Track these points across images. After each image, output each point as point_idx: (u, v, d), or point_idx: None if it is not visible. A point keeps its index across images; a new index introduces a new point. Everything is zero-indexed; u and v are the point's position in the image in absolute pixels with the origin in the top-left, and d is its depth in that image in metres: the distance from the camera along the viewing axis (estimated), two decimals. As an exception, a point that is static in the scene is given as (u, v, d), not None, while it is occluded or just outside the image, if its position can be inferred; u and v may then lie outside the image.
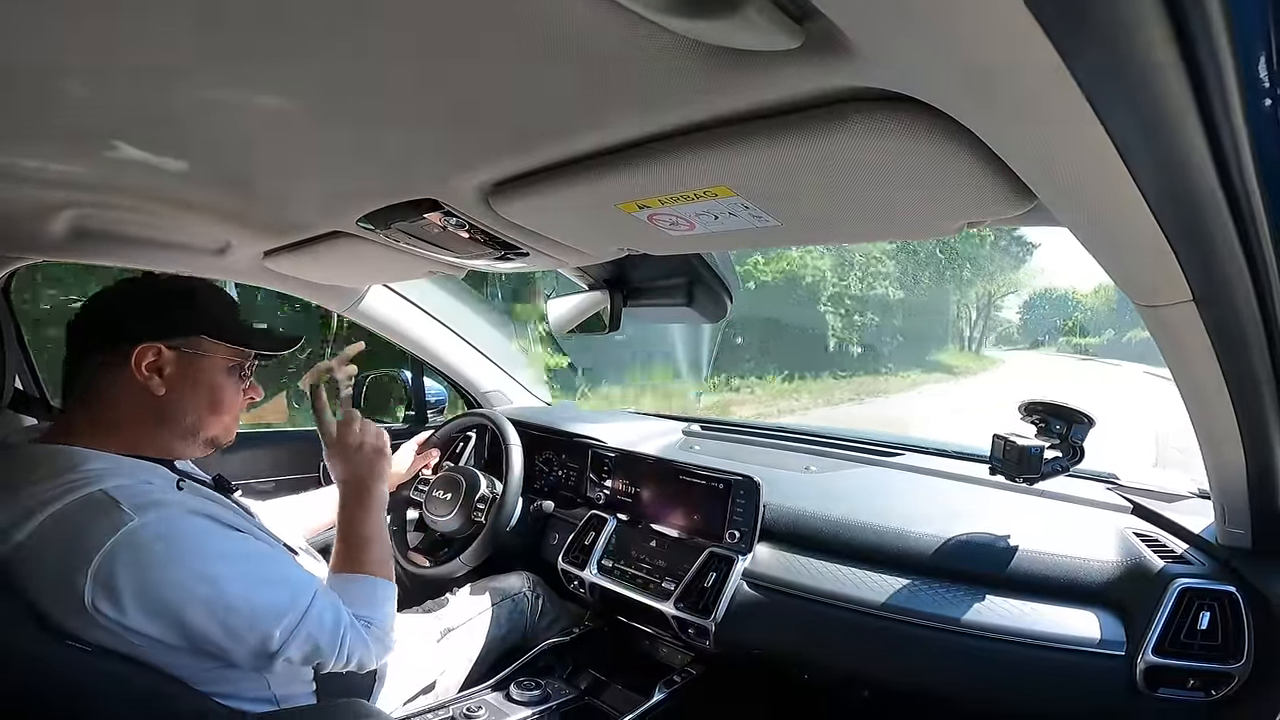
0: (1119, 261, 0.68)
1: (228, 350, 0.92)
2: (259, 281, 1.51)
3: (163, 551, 0.74)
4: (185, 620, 0.75)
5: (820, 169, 0.57)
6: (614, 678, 1.40)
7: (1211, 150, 0.46)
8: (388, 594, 1.01)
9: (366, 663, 0.93)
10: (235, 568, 0.80)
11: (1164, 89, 0.40)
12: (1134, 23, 0.35)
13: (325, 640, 0.86)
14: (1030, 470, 1.08)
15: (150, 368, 0.85)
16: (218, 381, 0.91)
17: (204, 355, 0.90)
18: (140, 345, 0.84)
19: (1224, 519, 0.96)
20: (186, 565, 0.76)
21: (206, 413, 0.91)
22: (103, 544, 0.71)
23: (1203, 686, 0.90)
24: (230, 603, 0.78)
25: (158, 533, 0.75)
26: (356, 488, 1.09)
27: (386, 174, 0.80)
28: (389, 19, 0.45)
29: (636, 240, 0.91)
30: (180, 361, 0.87)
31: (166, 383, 0.86)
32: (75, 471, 0.76)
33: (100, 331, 0.87)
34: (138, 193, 0.94)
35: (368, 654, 0.93)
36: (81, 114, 0.67)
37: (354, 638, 0.90)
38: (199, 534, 0.79)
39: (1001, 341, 39.79)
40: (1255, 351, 0.71)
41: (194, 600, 0.75)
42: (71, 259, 1.25)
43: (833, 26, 0.38)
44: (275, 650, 0.81)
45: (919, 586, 1.11)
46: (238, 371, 0.94)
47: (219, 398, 0.92)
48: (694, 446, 1.74)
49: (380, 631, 0.96)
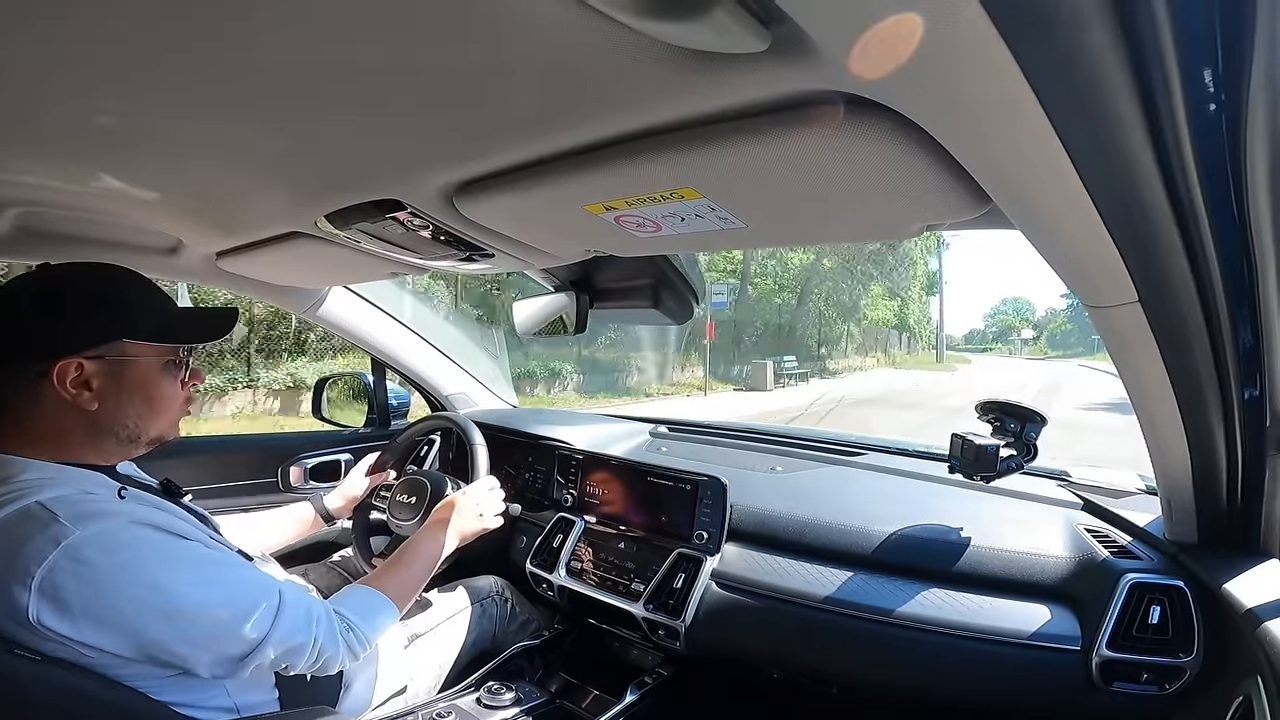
0: (1068, 263, 0.70)
1: (155, 348, 0.84)
2: (212, 283, 1.47)
3: (108, 564, 0.71)
4: (141, 633, 0.72)
5: (785, 171, 0.57)
6: (585, 680, 1.40)
7: (1157, 156, 0.48)
8: (387, 614, 1.01)
9: (331, 665, 0.91)
10: (187, 575, 0.77)
11: (1113, 95, 0.41)
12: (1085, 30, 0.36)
13: (299, 637, 0.84)
14: (987, 468, 1.11)
15: (76, 384, 0.77)
16: (152, 382, 0.84)
17: (131, 359, 0.82)
18: (58, 363, 0.76)
19: (1171, 515, 0.99)
20: (135, 577, 0.72)
21: (146, 416, 0.85)
22: (43, 558, 0.67)
23: (1156, 680, 0.93)
24: (187, 611, 0.75)
25: (101, 545, 0.71)
26: (442, 532, 1.22)
27: (347, 173, 0.78)
28: (351, 16, 0.44)
29: (603, 242, 0.91)
30: (106, 371, 0.80)
31: (97, 396, 0.79)
32: (9, 483, 0.73)
33: (6, 345, 0.77)
34: (84, 192, 0.90)
35: (336, 654, 0.90)
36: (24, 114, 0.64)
37: (327, 634, 0.88)
38: (144, 545, 0.75)
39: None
40: (1198, 351, 0.74)
41: (147, 612, 0.72)
42: (14, 259, 1.20)
43: (799, 30, 0.38)
44: (246, 654, 0.79)
45: (883, 584, 1.12)
46: (173, 366, 0.87)
47: (156, 398, 0.85)
48: (661, 448, 1.74)
49: (357, 637, 0.93)
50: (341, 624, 0.92)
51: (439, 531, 1.22)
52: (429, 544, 1.19)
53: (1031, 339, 70.62)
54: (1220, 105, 0.45)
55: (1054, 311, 59.07)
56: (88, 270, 0.83)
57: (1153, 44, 0.38)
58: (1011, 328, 77.61)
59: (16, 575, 0.67)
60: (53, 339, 0.77)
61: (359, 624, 0.94)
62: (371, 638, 0.97)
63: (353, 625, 0.93)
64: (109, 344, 0.80)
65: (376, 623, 0.98)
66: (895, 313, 29.14)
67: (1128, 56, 0.38)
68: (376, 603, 1.01)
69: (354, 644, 0.93)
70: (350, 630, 0.93)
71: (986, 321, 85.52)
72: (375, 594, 1.02)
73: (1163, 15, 0.36)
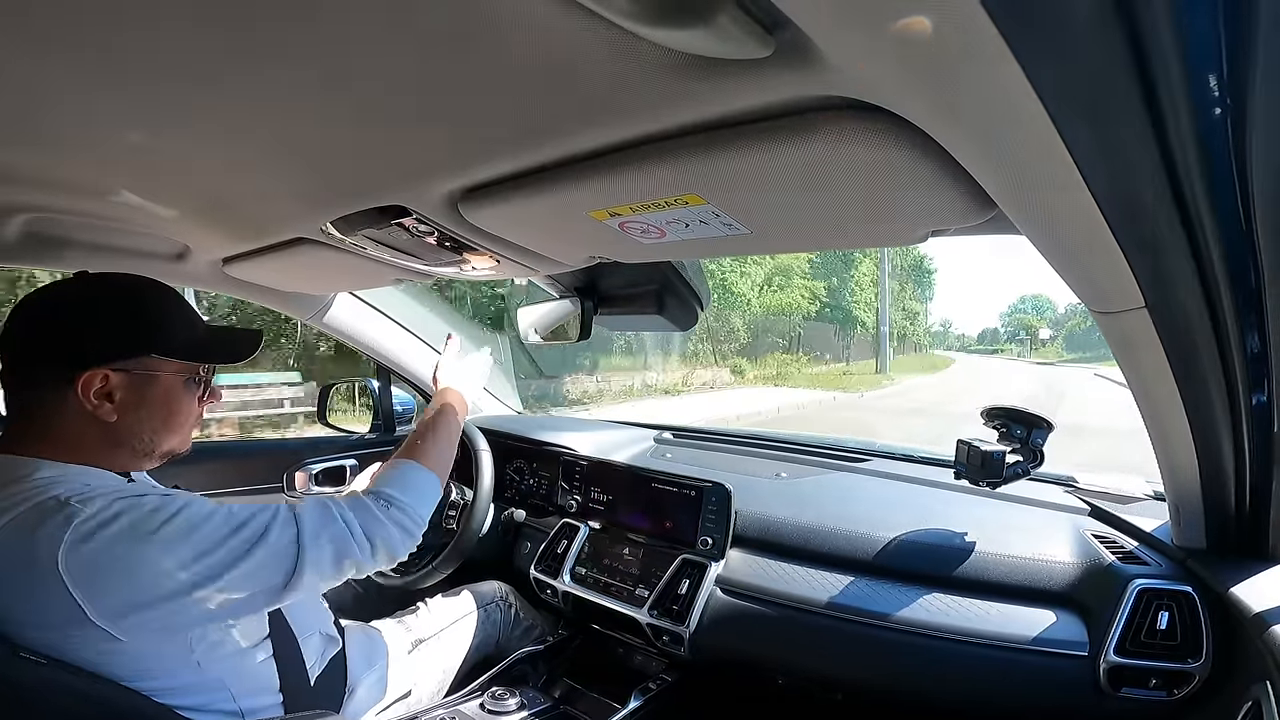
0: (1075, 269, 0.70)
1: (179, 364, 0.85)
2: (218, 289, 1.47)
3: (126, 523, 0.71)
4: (175, 576, 0.72)
5: (789, 177, 0.57)
6: (589, 686, 1.39)
7: (1163, 161, 0.48)
8: (427, 482, 0.98)
9: (396, 549, 0.88)
10: (201, 514, 0.76)
11: (1118, 101, 0.41)
12: (1090, 36, 0.36)
13: (331, 528, 0.83)
14: (993, 474, 1.10)
15: (99, 395, 0.78)
16: (173, 398, 0.85)
17: (155, 374, 0.83)
18: (85, 373, 0.77)
19: (1179, 520, 0.98)
20: (155, 526, 0.72)
21: (162, 431, 0.85)
22: (60, 540, 0.68)
23: (1164, 686, 0.92)
24: (210, 541, 0.75)
25: (114, 510, 0.71)
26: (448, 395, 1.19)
27: (353, 180, 0.79)
28: (357, 27, 0.45)
29: (607, 248, 0.91)
30: (131, 384, 0.81)
31: (118, 409, 0.80)
32: (24, 483, 0.73)
33: (36, 350, 0.79)
34: (93, 198, 0.91)
35: (389, 535, 0.88)
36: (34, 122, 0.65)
37: (361, 516, 0.86)
38: (155, 503, 0.75)
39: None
40: (1205, 356, 0.73)
41: (176, 555, 0.72)
42: (22, 265, 1.21)
43: (802, 36, 0.38)
44: (291, 569, 0.78)
45: (889, 590, 1.12)
46: (193, 384, 0.88)
47: (175, 414, 0.86)
48: (665, 454, 1.74)
49: (405, 512, 0.91)
50: (378, 502, 0.89)
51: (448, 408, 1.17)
52: (445, 416, 1.14)
53: (1049, 339, 68.41)
54: (1225, 109, 0.45)
55: (1074, 308, 56.86)
56: (123, 282, 0.84)
57: (1157, 48, 0.38)
58: (1029, 326, 75.43)
59: (39, 568, 0.68)
60: (83, 348, 0.78)
61: (400, 498, 0.91)
62: (418, 508, 0.93)
63: (393, 500, 0.90)
64: (137, 358, 0.81)
65: (419, 491, 0.95)
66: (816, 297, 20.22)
67: (1132, 60, 0.38)
68: (415, 475, 0.97)
69: (404, 521, 0.90)
70: (391, 505, 0.90)
71: (1003, 320, 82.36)
72: (408, 464, 0.98)
73: (1167, 18, 0.36)
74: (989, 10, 0.32)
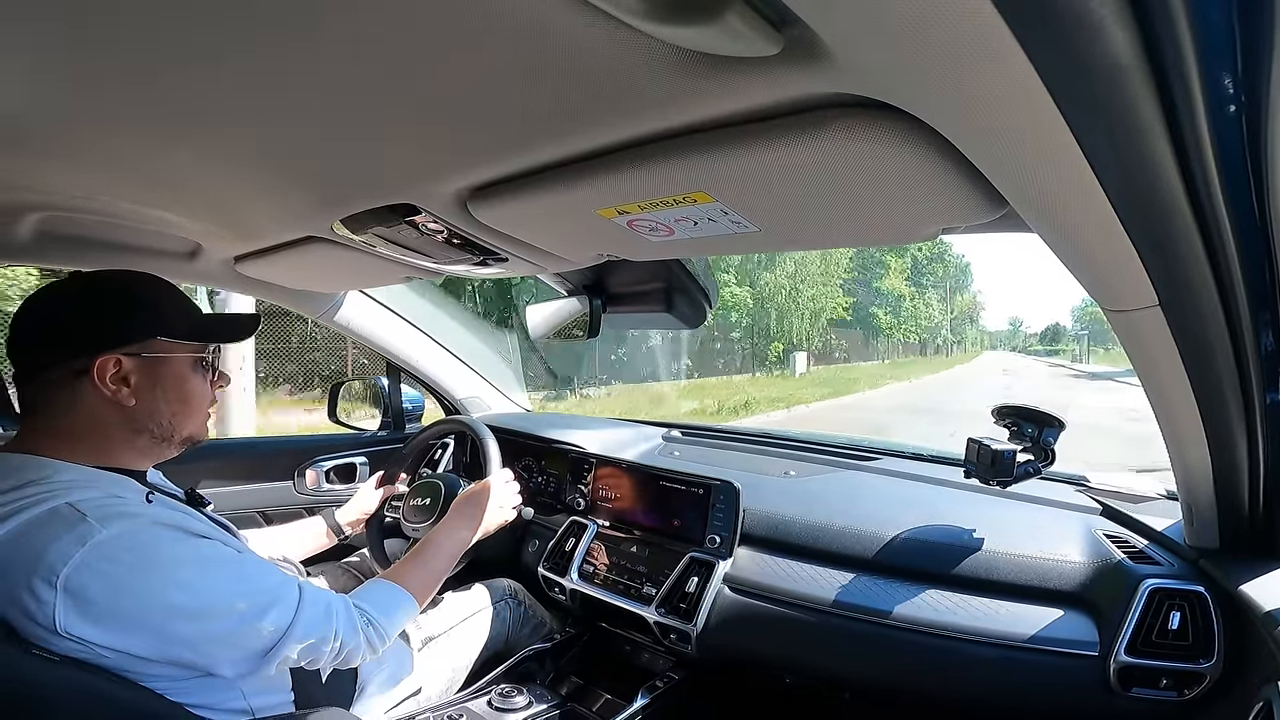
0: (1087, 267, 0.69)
1: (187, 346, 0.88)
2: (230, 287, 1.48)
3: (132, 562, 0.72)
4: (164, 630, 0.73)
5: (798, 175, 0.57)
6: (596, 683, 1.40)
7: (1177, 158, 0.47)
8: (407, 608, 1.02)
9: (353, 659, 0.91)
10: (209, 571, 0.78)
11: (1131, 98, 0.41)
12: (1102, 32, 0.35)
13: (320, 630, 0.85)
14: (1004, 473, 1.10)
15: (115, 380, 0.80)
16: (185, 380, 0.88)
17: (165, 357, 0.86)
18: (99, 358, 0.79)
19: (1191, 520, 0.98)
20: (159, 574, 0.74)
21: (180, 414, 0.88)
22: (69, 557, 0.69)
23: (1175, 686, 0.92)
24: (209, 606, 0.76)
25: (126, 544, 0.72)
26: (460, 526, 1.24)
27: (363, 179, 0.79)
28: (366, 24, 0.45)
29: (616, 246, 0.91)
30: (143, 368, 0.83)
31: (135, 392, 0.82)
32: (40, 484, 0.74)
33: (48, 343, 0.81)
34: (106, 198, 0.92)
35: (357, 648, 0.91)
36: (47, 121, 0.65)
37: (347, 628, 0.89)
38: (169, 543, 0.77)
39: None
40: (1219, 355, 0.73)
41: (170, 609, 0.73)
42: (36, 264, 1.22)
43: (811, 33, 0.38)
44: (268, 649, 0.80)
45: (898, 588, 1.12)
46: (201, 366, 0.90)
47: (188, 395, 0.88)
48: (674, 452, 1.74)
49: (377, 631, 0.94)
50: (361, 618, 0.92)
51: (458, 526, 1.23)
52: (448, 539, 1.19)
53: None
54: (1240, 107, 0.44)
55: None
56: (116, 275, 0.86)
57: (1171, 45, 0.37)
58: (1105, 323, 72.44)
59: (42, 572, 0.68)
60: (93, 335, 0.80)
61: (378, 618, 0.95)
62: (391, 632, 0.97)
63: (373, 619, 0.94)
64: (144, 341, 0.84)
65: (396, 617, 0.99)
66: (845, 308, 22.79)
67: (1146, 58, 0.38)
68: (397, 597, 1.01)
69: (374, 638, 0.93)
70: (370, 624, 0.93)
71: (1075, 316, 77.24)
72: (395, 588, 1.02)
73: (1181, 16, 0.36)
74: (999, 7, 0.32)
